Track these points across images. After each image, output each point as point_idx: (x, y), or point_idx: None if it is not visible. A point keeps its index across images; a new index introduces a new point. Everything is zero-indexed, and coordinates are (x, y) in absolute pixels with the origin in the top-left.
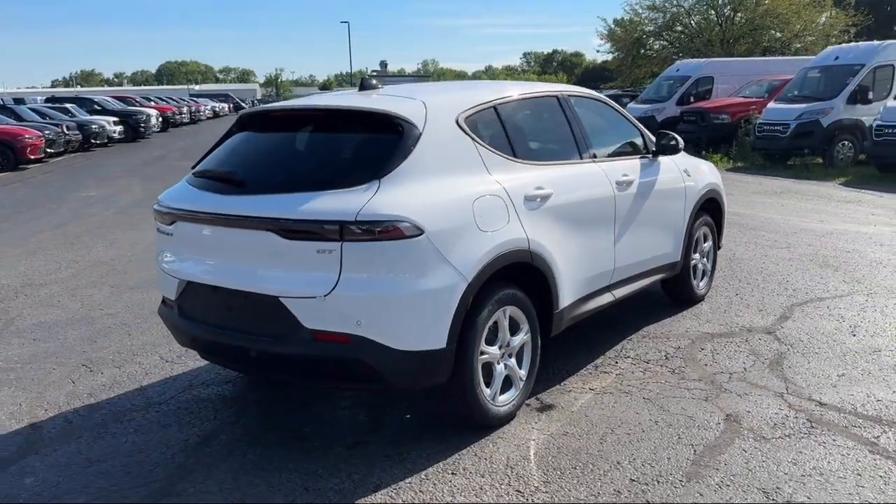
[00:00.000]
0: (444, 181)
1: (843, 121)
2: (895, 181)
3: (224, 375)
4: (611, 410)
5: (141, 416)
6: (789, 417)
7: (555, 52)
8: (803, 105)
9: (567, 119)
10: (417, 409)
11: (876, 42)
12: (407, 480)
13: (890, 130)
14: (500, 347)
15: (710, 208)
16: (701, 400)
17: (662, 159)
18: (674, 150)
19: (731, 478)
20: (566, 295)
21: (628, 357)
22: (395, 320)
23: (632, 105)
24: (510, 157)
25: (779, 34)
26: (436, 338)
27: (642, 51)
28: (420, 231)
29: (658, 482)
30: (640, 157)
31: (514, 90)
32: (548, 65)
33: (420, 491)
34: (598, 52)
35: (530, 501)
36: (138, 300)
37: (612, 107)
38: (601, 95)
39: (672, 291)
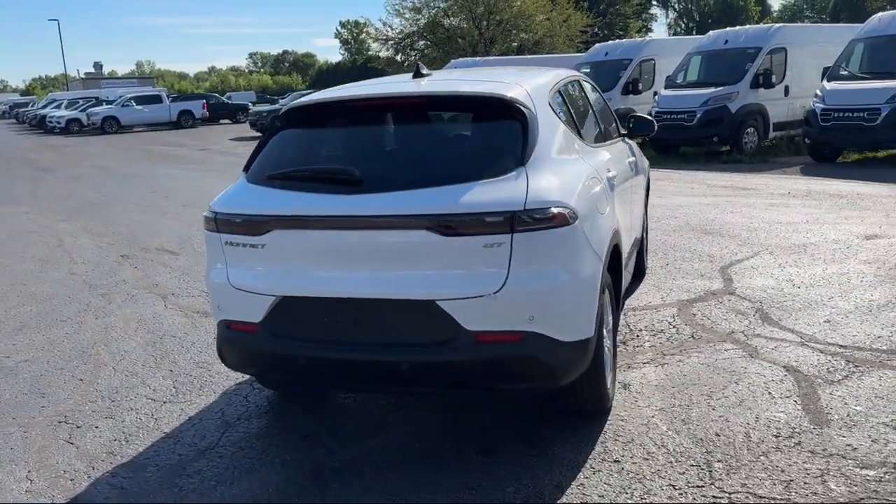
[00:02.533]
0: (563, 165)
1: (620, 109)
2: (676, 160)
3: (253, 407)
4: (687, 379)
5: (206, 466)
6: (832, 361)
7: (285, 52)
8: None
9: (589, 102)
10: (500, 408)
11: (639, 39)
12: (582, 475)
13: (667, 116)
14: (606, 331)
15: (646, 186)
16: (749, 357)
17: (629, 140)
18: (649, 131)
19: (850, 418)
20: (624, 275)
21: (642, 330)
22: (565, 311)
23: None
24: (581, 140)
25: (526, 35)
26: (590, 326)
27: (409, 50)
28: (576, 216)
29: (800, 433)
30: (620, 139)
31: (555, 73)
32: (279, 65)
33: (606, 483)
34: (377, 51)
35: (711, 472)
36: (43, 341)
37: (598, 90)
38: (588, 79)
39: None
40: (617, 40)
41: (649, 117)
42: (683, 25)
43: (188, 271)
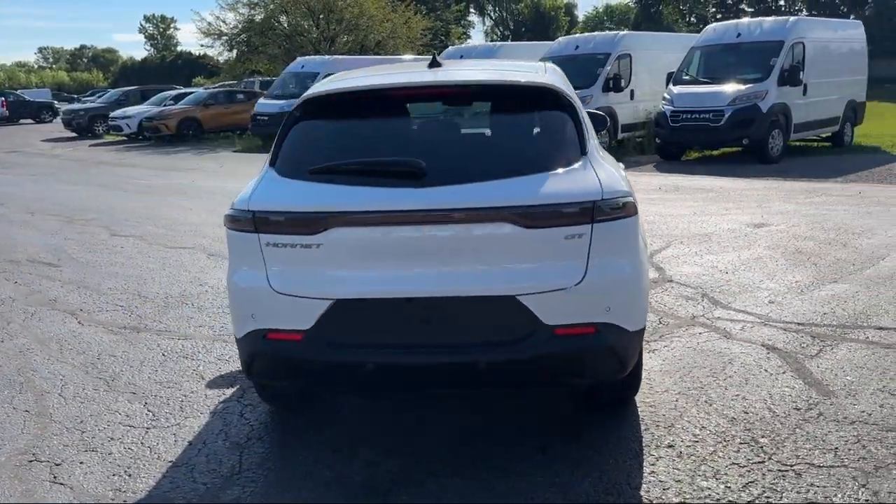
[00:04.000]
0: (605, 156)
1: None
2: None
3: (257, 425)
4: (685, 363)
5: (242, 493)
6: (799, 337)
7: (83, 47)
8: None
9: None
10: (523, 406)
11: (491, 44)
12: (647, 463)
13: None
14: None
15: None
16: (726, 339)
17: None
18: (602, 127)
19: (849, 388)
20: None
21: None
22: (634, 300)
23: (263, 101)
24: None
25: (367, 35)
26: (646, 314)
27: (243, 47)
28: (637, 205)
29: (815, 405)
30: None
31: (553, 65)
32: (76, 61)
33: (676, 468)
34: (201, 46)
35: (762, 448)
36: None
37: None
38: None
39: None
40: (470, 44)
41: (601, 112)
42: (500, 33)
43: (84, 284)
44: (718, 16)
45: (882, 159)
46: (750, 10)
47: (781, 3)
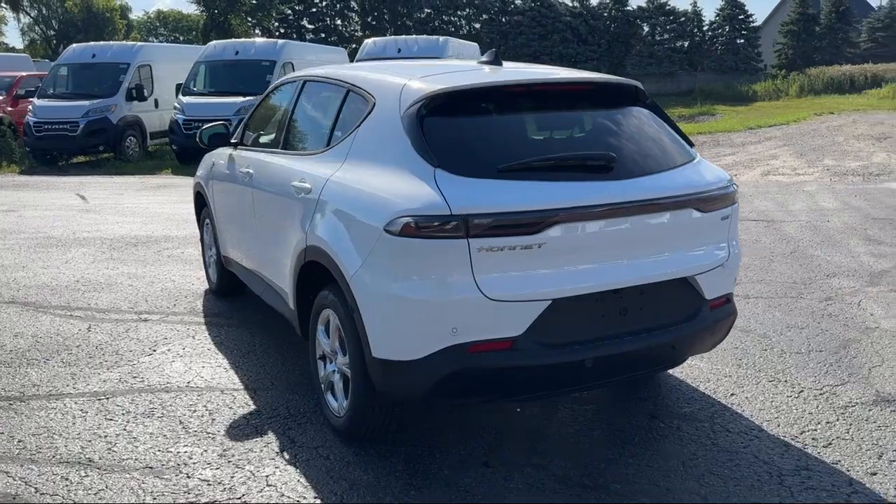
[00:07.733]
0: None
1: (127, 117)
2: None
3: (369, 465)
4: None
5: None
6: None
7: None
8: (86, 102)
9: None
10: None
11: (131, 43)
12: (749, 415)
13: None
14: None
15: None
16: None
17: None
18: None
19: (773, 330)
20: None
21: None
22: None
23: None
24: None
25: None
26: None
27: None
28: None
29: (771, 346)
30: None
31: None
32: None
33: (762, 410)
34: None
35: (798, 384)
36: None
37: None
38: None
39: None
40: (104, 42)
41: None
42: (41, 32)
43: None
44: (282, 30)
45: None
46: (311, 27)
47: (339, 22)
